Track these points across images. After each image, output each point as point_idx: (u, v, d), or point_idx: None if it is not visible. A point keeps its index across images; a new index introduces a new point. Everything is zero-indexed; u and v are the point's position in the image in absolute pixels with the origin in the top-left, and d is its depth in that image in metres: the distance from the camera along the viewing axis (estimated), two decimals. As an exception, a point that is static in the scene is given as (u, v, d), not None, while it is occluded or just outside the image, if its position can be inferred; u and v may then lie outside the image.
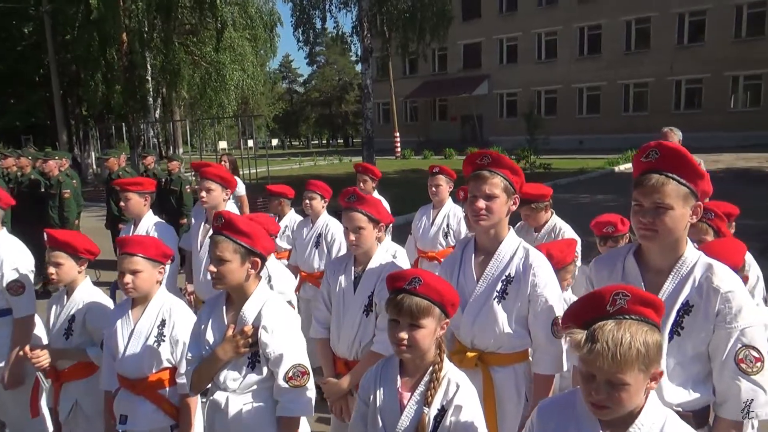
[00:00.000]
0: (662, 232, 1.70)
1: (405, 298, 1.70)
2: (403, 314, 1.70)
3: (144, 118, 21.00)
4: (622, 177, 19.15)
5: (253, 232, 2.09)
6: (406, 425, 1.71)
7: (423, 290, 1.71)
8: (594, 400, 1.33)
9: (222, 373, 2.08)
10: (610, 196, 13.65)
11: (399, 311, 1.70)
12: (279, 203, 4.82)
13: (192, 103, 23.42)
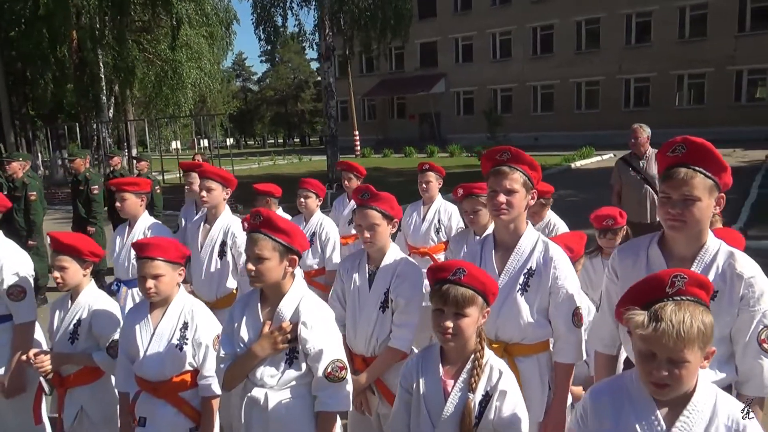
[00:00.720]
0: (690, 223, 1.81)
1: (450, 289, 1.75)
2: (448, 304, 1.75)
3: (97, 117, 20.36)
4: (580, 173, 19.75)
5: (291, 230, 2.10)
6: (451, 411, 1.77)
7: (467, 280, 1.77)
8: (655, 379, 1.41)
9: (258, 370, 2.09)
10: (570, 191, 14.05)
11: (444, 301, 1.76)
12: (266, 202, 4.79)
13: (147, 102, 22.81)
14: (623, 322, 1.50)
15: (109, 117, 20.51)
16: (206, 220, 3.55)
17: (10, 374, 2.91)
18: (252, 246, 2.06)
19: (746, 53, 26.49)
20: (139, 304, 2.64)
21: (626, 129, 25.30)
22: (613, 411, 1.53)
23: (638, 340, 1.44)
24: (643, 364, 1.44)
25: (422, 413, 1.82)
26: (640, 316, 1.42)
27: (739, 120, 26.77)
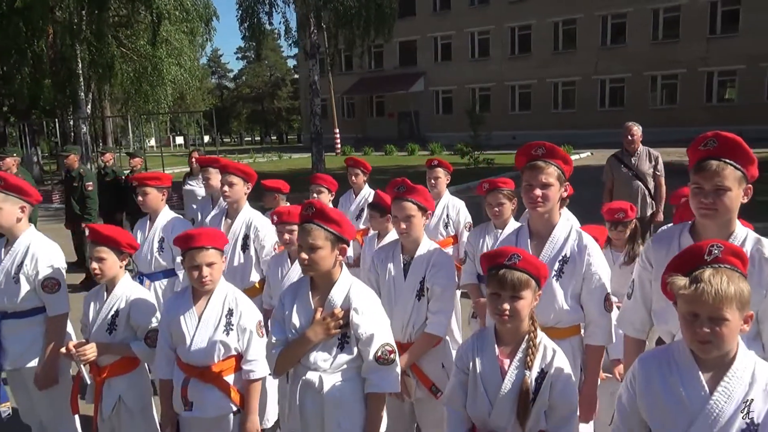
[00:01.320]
0: (721, 211, 1.96)
1: (507, 273, 1.87)
2: (505, 287, 1.88)
3: (74, 113, 20.04)
4: (559, 171, 20.05)
5: (342, 220, 2.20)
6: (509, 389, 1.89)
7: (522, 265, 1.90)
8: (698, 337, 1.55)
9: (312, 355, 2.18)
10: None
11: (502, 285, 1.88)
12: (274, 198, 4.85)
13: (127, 98, 22.50)
14: (667, 289, 1.64)
15: (87, 113, 20.19)
16: (227, 215, 3.62)
17: (44, 366, 2.95)
18: (305, 236, 2.15)
19: (717, 55, 27.26)
20: (180, 294, 2.70)
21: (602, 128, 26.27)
22: (660, 376, 1.67)
23: (682, 304, 1.58)
24: (687, 326, 1.58)
25: (479, 391, 1.94)
26: (681, 280, 1.56)
27: (710, 120, 27.45)
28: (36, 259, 2.93)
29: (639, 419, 1.72)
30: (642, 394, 1.68)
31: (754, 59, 26.30)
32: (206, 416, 2.55)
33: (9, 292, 2.92)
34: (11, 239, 2.99)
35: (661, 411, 1.63)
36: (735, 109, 27.43)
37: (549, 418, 1.90)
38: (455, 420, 2.02)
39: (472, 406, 1.95)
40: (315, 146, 16.62)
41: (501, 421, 1.89)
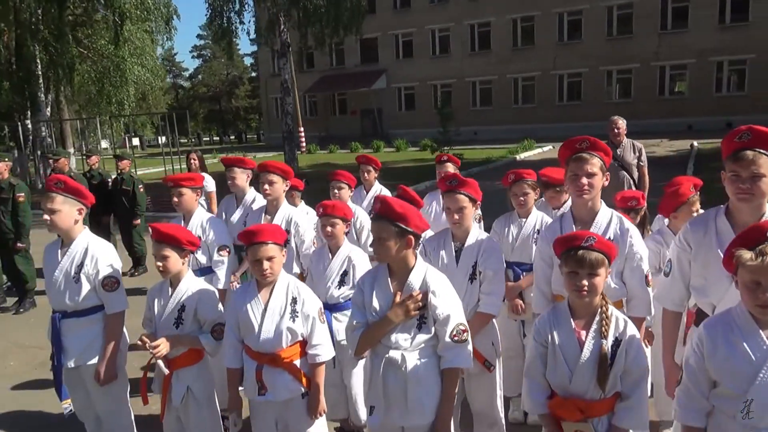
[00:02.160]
0: (757, 195, 2.24)
1: (585, 254, 2.11)
2: (584, 266, 2.11)
3: (33, 116, 19.45)
4: (525, 165, 20.64)
5: (408, 214, 2.39)
6: (587, 357, 2.13)
7: (598, 246, 2.14)
8: (761, 302, 1.81)
9: (393, 335, 2.37)
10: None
11: (580, 264, 2.11)
12: (291, 195, 5.00)
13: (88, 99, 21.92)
14: (733, 262, 1.89)
15: (47, 115, 19.63)
16: (266, 211, 3.76)
17: (105, 363, 3.05)
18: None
19: (668, 50, 28.46)
20: (244, 287, 2.84)
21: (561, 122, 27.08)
22: (724, 337, 1.93)
23: (746, 273, 1.84)
24: (749, 293, 1.84)
25: (559, 361, 2.17)
26: (747, 253, 1.83)
27: (663, 112, 28.74)
28: (96, 258, 3.02)
29: (706, 377, 1.98)
30: (710, 354, 1.94)
31: (703, 54, 27.59)
32: (279, 399, 2.71)
33: (70, 291, 3.01)
34: (67, 241, 3.07)
35: (729, 366, 1.90)
36: (686, 101, 28.71)
37: (623, 381, 2.14)
38: (536, 388, 2.25)
39: (552, 375, 2.19)
40: (287, 145, 16.65)
41: (581, 386, 2.13)
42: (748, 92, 27.09)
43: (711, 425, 2.01)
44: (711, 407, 2.01)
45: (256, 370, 2.70)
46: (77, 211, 3.04)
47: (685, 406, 2.04)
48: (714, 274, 2.37)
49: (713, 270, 2.37)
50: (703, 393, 1.99)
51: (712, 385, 1.98)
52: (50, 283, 3.06)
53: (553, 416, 2.21)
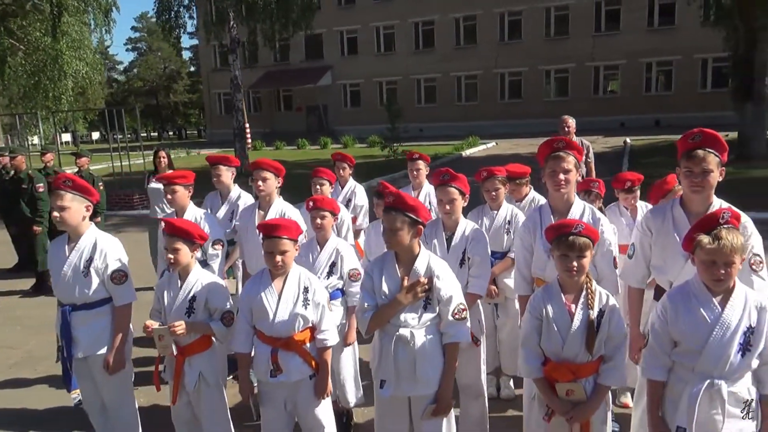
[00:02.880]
0: (706, 187, 2.65)
1: (575, 239, 2.45)
2: (573, 249, 2.45)
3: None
4: (470, 160, 21.28)
5: (418, 206, 2.68)
6: (577, 326, 2.47)
7: (585, 232, 2.48)
8: (715, 277, 2.19)
9: (402, 315, 2.65)
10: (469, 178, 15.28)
11: (571, 248, 2.45)
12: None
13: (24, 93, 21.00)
14: (692, 245, 2.28)
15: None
16: (260, 207, 3.95)
17: (114, 352, 3.19)
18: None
19: (602, 51, 29.92)
20: (258, 276, 3.05)
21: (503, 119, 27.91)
22: (684, 304, 2.32)
23: (703, 254, 2.22)
24: (706, 269, 2.23)
25: (553, 331, 2.50)
26: (706, 237, 2.22)
27: (598, 110, 30.16)
28: (105, 253, 3.15)
29: (668, 339, 2.36)
30: (672, 319, 2.33)
31: (634, 55, 29.17)
32: (291, 380, 2.94)
33: (80, 285, 3.13)
34: (75, 236, 3.18)
35: (689, 328, 2.28)
36: (618, 100, 30.30)
37: (606, 345, 2.50)
38: (532, 356, 2.58)
39: (547, 343, 2.53)
40: (238, 142, 16.57)
41: (572, 351, 2.48)
42: (675, 92, 28.88)
43: (671, 378, 2.40)
44: (671, 363, 2.40)
45: (272, 353, 2.91)
46: (85, 208, 3.16)
47: (650, 364, 2.42)
48: (671, 256, 2.78)
49: (670, 252, 2.78)
50: (666, 352, 2.38)
51: (673, 345, 2.38)
52: (58, 278, 3.17)
53: (547, 379, 2.55)
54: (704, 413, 2.27)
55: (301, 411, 3.02)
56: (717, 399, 2.26)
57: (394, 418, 2.80)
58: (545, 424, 2.62)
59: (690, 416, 2.28)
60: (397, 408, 2.78)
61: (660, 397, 2.41)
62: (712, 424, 2.27)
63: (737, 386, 2.27)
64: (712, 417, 2.27)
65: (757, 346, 2.24)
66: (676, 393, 2.37)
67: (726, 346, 2.23)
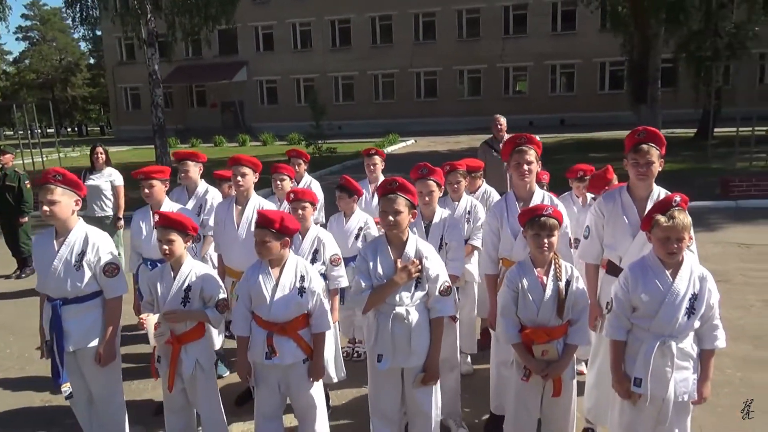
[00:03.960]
0: (649, 176, 3.13)
1: (546, 220, 2.82)
2: (545, 229, 2.82)
3: None
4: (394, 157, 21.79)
5: (414, 192, 2.97)
6: (549, 295, 2.85)
7: (555, 214, 2.87)
8: (669, 251, 2.63)
9: (397, 295, 2.93)
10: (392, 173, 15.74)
11: (543, 228, 2.82)
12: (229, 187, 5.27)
13: None
14: (650, 224, 2.72)
15: None
16: (237, 202, 4.07)
17: (105, 344, 3.25)
18: (391, 203, 2.90)
19: (511, 53, 31.49)
20: (257, 265, 3.18)
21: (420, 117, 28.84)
22: (642, 275, 2.76)
23: (660, 231, 2.66)
24: (661, 244, 2.67)
25: (528, 301, 2.87)
26: (662, 217, 2.67)
27: (508, 110, 31.38)
28: (97, 246, 3.19)
29: (629, 305, 2.79)
30: (633, 288, 2.76)
31: (540, 57, 30.94)
32: (284, 363, 3.12)
33: (72, 279, 3.14)
34: (63, 231, 3.19)
35: (646, 296, 2.72)
36: (526, 100, 32.02)
37: (573, 310, 2.91)
38: (510, 324, 2.94)
39: (523, 312, 2.89)
40: (159, 138, 16.08)
41: (545, 318, 2.86)
42: (577, 93, 30.93)
43: (630, 338, 2.84)
44: (630, 326, 2.84)
45: (267, 337, 3.09)
46: (74, 202, 3.19)
47: (614, 326, 2.85)
48: (620, 234, 3.25)
49: (620, 231, 3.26)
50: (627, 316, 2.81)
51: (632, 311, 2.82)
52: (47, 272, 3.16)
53: (524, 343, 2.93)
54: (657, 366, 2.71)
55: (294, 392, 3.19)
56: (668, 354, 2.70)
57: (388, 389, 3.07)
58: (523, 384, 2.99)
59: (646, 368, 2.72)
60: (392, 380, 3.06)
61: (622, 354, 2.85)
62: (663, 375, 2.72)
63: (683, 343, 2.73)
64: (664, 369, 2.71)
65: (700, 310, 2.70)
66: (633, 350, 2.80)
67: (676, 310, 2.68)
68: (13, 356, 5.26)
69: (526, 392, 3.01)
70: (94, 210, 6.89)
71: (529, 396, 3.02)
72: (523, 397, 3.04)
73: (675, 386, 2.71)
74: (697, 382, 2.76)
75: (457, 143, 24.64)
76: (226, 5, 16.52)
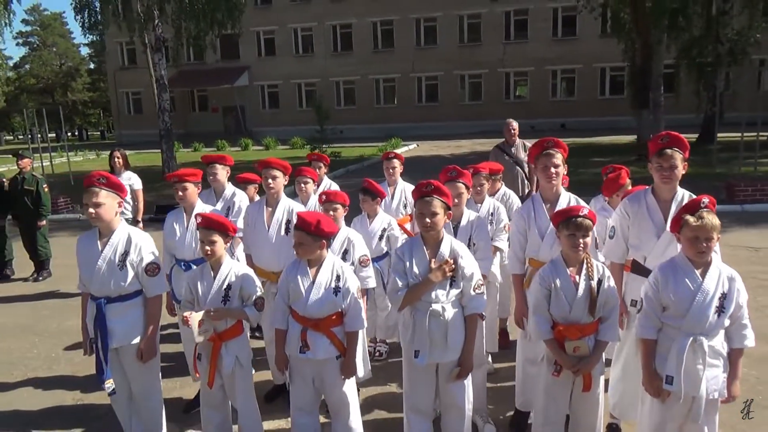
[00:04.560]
0: (673, 179, 3.25)
1: (582, 221, 2.93)
2: (581, 230, 2.93)
3: None
4: (397, 161, 21.92)
5: (449, 193, 3.09)
6: (581, 294, 2.96)
7: (590, 215, 2.98)
8: (699, 250, 2.74)
9: (433, 292, 3.04)
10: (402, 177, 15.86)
11: (578, 228, 2.93)
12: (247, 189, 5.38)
13: None
14: (679, 224, 2.83)
15: None
16: (267, 203, 4.17)
17: (147, 341, 3.35)
18: (428, 206, 3.01)
19: (511, 58, 31.69)
20: (296, 262, 3.29)
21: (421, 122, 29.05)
22: (672, 275, 2.87)
23: (689, 231, 2.77)
24: (690, 244, 2.78)
25: (561, 299, 2.98)
26: (692, 218, 2.78)
27: (509, 114, 31.63)
28: (140, 247, 3.30)
29: (659, 304, 2.89)
30: (663, 287, 2.86)
31: (541, 62, 31.16)
32: (317, 358, 3.22)
33: (116, 278, 3.25)
34: (107, 232, 3.30)
35: (676, 295, 2.83)
36: (527, 104, 32.19)
37: (604, 308, 3.01)
38: (542, 321, 3.05)
39: (555, 310, 3.00)
40: (165, 143, 16.19)
41: (577, 315, 2.97)
42: (577, 97, 31.12)
43: (660, 337, 2.94)
44: (661, 325, 2.94)
45: (301, 332, 3.20)
46: (117, 204, 3.30)
47: (644, 325, 2.95)
48: (645, 235, 3.37)
49: (645, 232, 3.37)
50: (657, 315, 2.92)
51: (662, 310, 2.92)
52: (91, 272, 3.27)
53: (556, 339, 3.03)
54: (689, 363, 2.80)
55: (327, 388, 3.30)
56: (699, 351, 2.79)
57: (424, 384, 3.18)
58: (553, 380, 3.10)
59: (678, 366, 2.80)
60: (427, 375, 3.16)
61: (652, 353, 2.95)
62: (695, 372, 2.80)
63: (714, 341, 2.82)
64: (696, 367, 2.80)
65: (729, 309, 2.80)
66: (664, 348, 2.89)
67: (706, 309, 2.78)
68: (40, 356, 5.35)
69: (556, 387, 3.12)
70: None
71: (558, 391, 3.13)
72: (552, 392, 3.14)
73: (706, 384, 2.80)
74: (727, 381, 2.85)
75: (459, 147, 24.81)
76: (233, 11, 16.64)
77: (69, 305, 6.79)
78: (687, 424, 2.89)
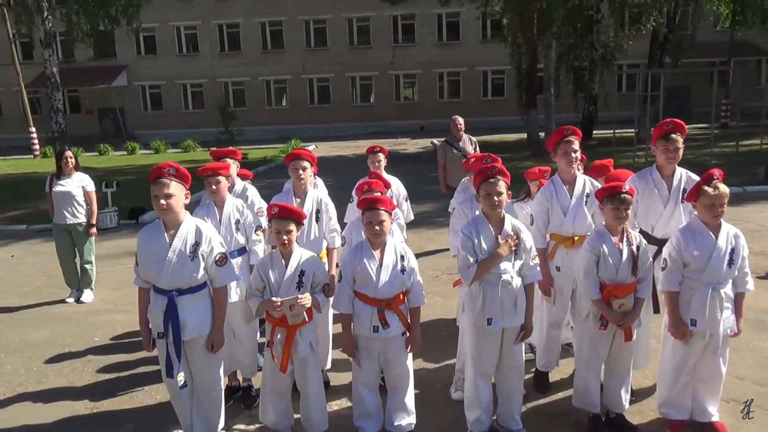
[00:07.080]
0: (676, 159, 3.86)
1: (625, 196, 3.40)
2: (624, 203, 3.39)
3: None
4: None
5: (508, 174, 3.42)
6: (625, 258, 3.43)
7: (631, 191, 3.45)
8: (715, 215, 3.32)
9: (502, 265, 3.36)
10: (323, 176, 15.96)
11: (622, 202, 3.39)
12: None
13: None
14: (697, 194, 3.40)
15: None
16: (295, 194, 4.24)
17: (217, 331, 3.36)
18: (494, 186, 3.34)
19: (401, 61, 32.73)
20: (361, 244, 3.46)
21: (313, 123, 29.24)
22: (691, 236, 3.43)
23: (707, 199, 3.34)
24: (708, 210, 3.35)
25: (608, 263, 3.42)
26: (709, 188, 3.36)
27: (399, 115, 32.98)
28: (210, 237, 3.29)
29: (681, 261, 3.45)
30: (684, 247, 3.42)
31: (429, 65, 32.49)
32: (389, 335, 3.45)
33: (188, 270, 3.21)
34: (173, 224, 3.24)
35: (695, 252, 3.39)
36: (416, 106, 33.41)
37: (641, 269, 3.52)
38: (592, 282, 3.47)
39: (604, 272, 3.44)
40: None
41: (622, 276, 3.44)
42: (463, 99, 32.82)
43: (682, 288, 3.51)
44: (682, 278, 3.51)
45: (378, 312, 3.40)
46: (185, 196, 3.27)
47: (669, 280, 3.51)
48: (653, 206, 3.96)
49: (653, 204, 3.96)
50: (680, 270, 3.48)
51: (682, 266, 3.49)
52: (160, 265, 3.19)
53: (604, 299, 3.49)
54: (711, 308, 3.40)
55: (391, 363, 3.54)
56: (717, 298, 3.40)
57: (491, 349, 3.49)
58: (598, 333, 3.55)
59: (702, 310, 3.40)
60: (495, 340, 3.49)
61: (677, 302, 3.50)
62: (715, 315, 3.41)
63: (726, 288, 3.45)
64: (715, 310, 3.40)
65: (737, 261, 3.44)
66: (686, 298, 3.47)
67: (721, 262, 3.39)
68: (19, 372, 4.95)
69: (600, 339, 3.59)
70: (65, 217, 6.54)
71: (602, 342, 3.60)
72: (596, 344, 3.61)
73: (723, 323, 3.42)
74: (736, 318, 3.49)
75: (357, 147, 25.22)
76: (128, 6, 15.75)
77: (17, 319, 6.27)
78: (704, 358, 3.49)
